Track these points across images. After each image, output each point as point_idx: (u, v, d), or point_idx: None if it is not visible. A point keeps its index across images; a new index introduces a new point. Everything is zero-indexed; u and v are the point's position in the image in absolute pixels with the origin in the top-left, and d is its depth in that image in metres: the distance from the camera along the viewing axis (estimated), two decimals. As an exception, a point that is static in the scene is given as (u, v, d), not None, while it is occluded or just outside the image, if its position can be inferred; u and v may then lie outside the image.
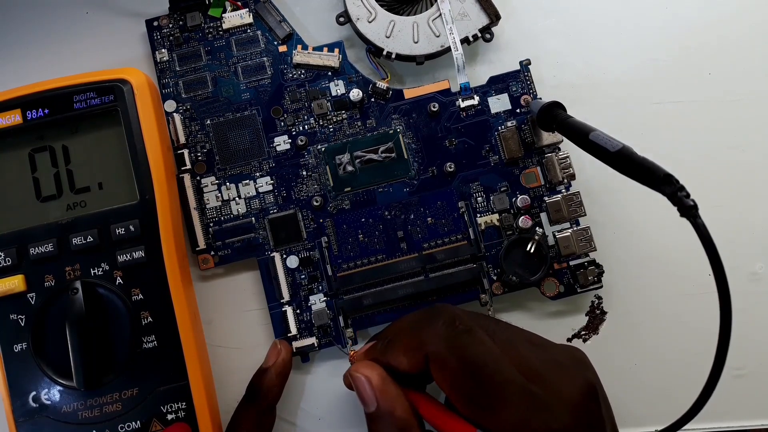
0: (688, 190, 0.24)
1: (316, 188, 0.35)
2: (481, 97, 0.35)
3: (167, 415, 0.30)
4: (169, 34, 0.36)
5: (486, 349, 0.25)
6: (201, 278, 0.35)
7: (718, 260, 0.23)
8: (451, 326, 0.26)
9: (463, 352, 0.25)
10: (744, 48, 0.37)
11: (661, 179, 0.24)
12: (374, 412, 0.26)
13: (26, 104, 0.31)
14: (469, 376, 0.24)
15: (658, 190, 0.25)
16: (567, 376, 0.26)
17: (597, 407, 0.25)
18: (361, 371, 0.26)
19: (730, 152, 0.36)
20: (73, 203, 0.31)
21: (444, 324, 0.26)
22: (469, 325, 0.26)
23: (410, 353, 0.26)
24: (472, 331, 0.26)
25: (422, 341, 0.26)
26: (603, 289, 0.34)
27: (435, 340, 0.26)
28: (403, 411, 0.26)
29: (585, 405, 0.25)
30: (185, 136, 0.35)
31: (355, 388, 0.27)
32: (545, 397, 0.24)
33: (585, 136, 0.28)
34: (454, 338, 0.25)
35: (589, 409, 0.25)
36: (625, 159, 0.26)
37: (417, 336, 0.26)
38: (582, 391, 0.25)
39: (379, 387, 0.26)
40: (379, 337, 0.30)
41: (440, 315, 0.27)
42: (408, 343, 0.27)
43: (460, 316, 0.27)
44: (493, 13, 0.35)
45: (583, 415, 0.24)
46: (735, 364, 0.34)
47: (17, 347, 0.30)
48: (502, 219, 0.34)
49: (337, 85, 0.35)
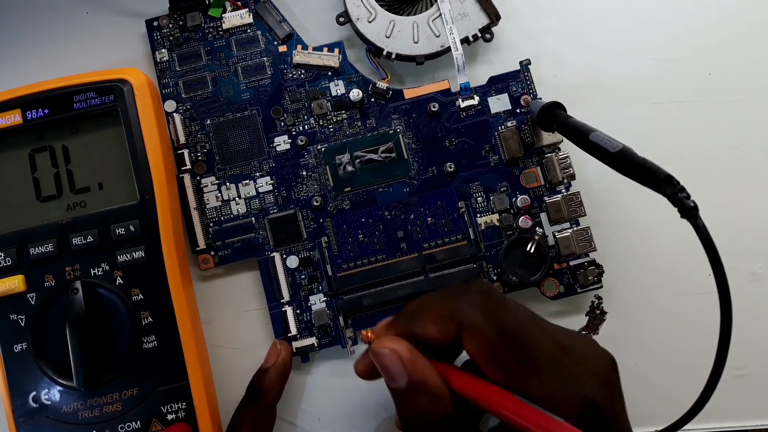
0: (688, 191, 0.24)
1: (316, 188, 0.35)
2: (481, 97, 0.35)
3: (167, 415, 0.30)
4: (169, 34, 0.36)
5: (520, 319, 0.25)
6: (201, 278, 0.35)
7: (718, 261, 0.23)
8: (486, 295, 0.25)
9: (499, 321, 0.25)
10: (744, 48, 0.37)
11: (662, 180, 0.24)
12: (405, 386, 0.25)
13: (26, 104, 0.31)
14: (504, 346, 0.24)
15: (658, 191, 0.25)
16: (591, 350, 0.26)
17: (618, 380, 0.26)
18: (388, 345, 0.25)
19: (730, 152, 0.36)
20: (73, 203, 0.31)
21: (479, 293, 0.26)
22: (502, 297, 0.26)
23: (441, 322, 0.25)
24: (506, 302, 0.26)
25: (455, 310, 0.25)
26: (603, 289, 0.34)
27: (469, 308, 0.25)
28: (435, 381, 0.25)
29: (610, 377, 0.25)
30: (185, 136, 0.35)
31: (381, 364, 0.25)
32: (575, 368, 0.24)
33: (585, 136, 0.28)
34: (491, 307, 0.25)
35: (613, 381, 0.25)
36: (625, 160, 0.26)
37: (449, 305, 0.26)
38: (607, 363, 0.25)
39: (408, 359, 0.25)
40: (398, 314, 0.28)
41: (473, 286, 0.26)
42: (439, 311, 0.26)
43: (494, 287, 0.27)
44: (493, 13, 0.35)
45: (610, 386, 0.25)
46: (735, 364, 0.34)
47: (17, 347, 0.30)
48: (502, 219, 0.34)
49: (337, 85, 0.35)
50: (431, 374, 0.25)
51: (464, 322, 0.25)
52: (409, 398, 0.25)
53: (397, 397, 0.26)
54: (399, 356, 0.25)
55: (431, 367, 0.25)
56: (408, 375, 0.25)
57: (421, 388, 0.25)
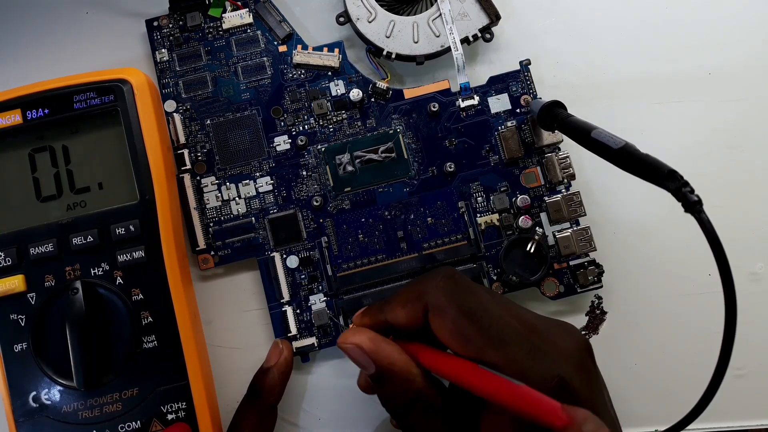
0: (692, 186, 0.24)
1: (316, 188, 0.35)
2: (481, 97, 0.35)
3: (167, 415, 0.30)
4: (169, 34, 0.36)
5: (485, 299, 0.25)
6: (201, 278, 0.35)
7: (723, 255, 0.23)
8: (450, 279, 0.26)
9: (462, 301, 0.25)
10: (744, 48, 0.37)
11: (665, 175, 0.24)
12: (375, 373, 0.26)
13: (26, 104, 0.31)
14: (469, 322, 0.24)
15: (662, 186, 0.25)
16: (562, 333, 0.26)
17: (593, 364, 0.26)
18: (350, 341, 0.26)
19: (730, 152, 0.36)
20: (73, 203, 0.31)
21: (443, 277, 0.26)
22: (467, 280, 0.26)
23: (409, 306, 0.26)
24: (471, 285, 0.26)
25: (421, 293, 0.26)
26: (603, 289, 0.34)
27: (434, 290, 0.26)
28: (404, 364, 0.26)
29: (582, 359, 0.25)
30: (185, 136, 0.35)
31: (350, 357, 0.27)
32: (544, 347, 0.24)
33: (587, 134, 0.28)
34: (453, 288, 0.25)
35: (587, 364, 0.25)
36: (628, 156, 0.26)
37: (416, 289, 0.26)
38: (579, 345, 0.25)
39: (371, 349, 0.26)
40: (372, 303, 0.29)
41: (438, 271, 0.27)
42: (406, 296, 0.27)
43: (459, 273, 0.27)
44: (493, 13, 0.35)
45: (581, 368, 0.24)
46: (735, 364, 0.34)
47: (17, 347, 0.30)
48: (502, 219, 0.34)
49: (337, 85, 0.35)
50: (399, 358, 0.26)
51: (429, 304, 0.25)
52: (381, 383, 0.26)
53: (372, 382, 0.27)
54: (361, 348, 0.26)
55: (399, 351, 0.26)
56: (375, 363, 0.26)
57: (389, 372, 0.26)
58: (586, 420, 0.19)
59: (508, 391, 0.22)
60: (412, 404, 0.26)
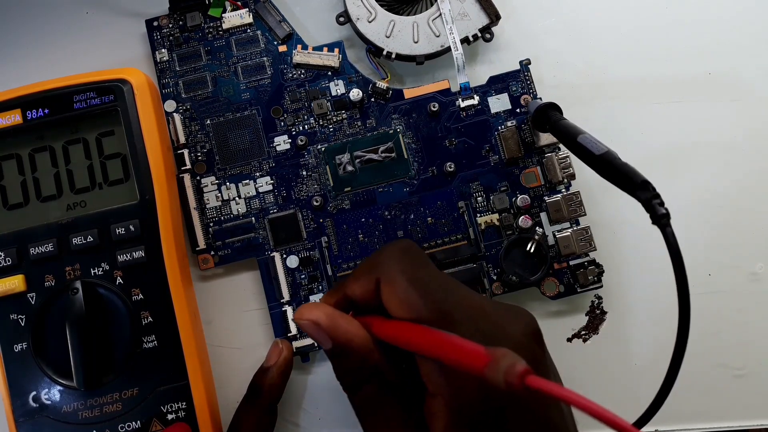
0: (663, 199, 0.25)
1: (316, 188, 0.35)
2: (481, 97, 0.35)
3: (167, 415, 0.30)
4: (169, 34, 0.36)
5: (437, 275, 0.25)
6: (201, 278, 0.35)
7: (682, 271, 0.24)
8: (404, 251, 0.26)
9: (414, 273, 0.25)
10: (744, 48, 0.37)
11: (638, 185, 0.25)
12: (332, 348, 0.26)
13: (26, 104, 0.31)
14: (417, 295, 0.24)
15: (633, 195, 0.25)
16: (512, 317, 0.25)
17: (542, 350, 0.25)
18: (306, 317, 0.26)
19: (730, 152, 0.36)
20: (73, 203, 0.31)
21: (398, 249, 0.26)
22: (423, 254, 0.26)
23: (363, 279, 0.26)
24: (425, 259, 0.26)
25: (374, 266, 0.26)
26: (603, 289, 0.34)
27: (387, 261, 0.25)
28: (360, 339, 0.25)
29: (529, 346, 0.25)
30: (185, 136, 0.35)
31: (308, 334, 0.26)
32: (490, 330, 0.24)
33: (573, 138, 0.29)
34: (406, 260, 0.25)
35: (533, 350, 0.25)
36: (606, 163, 0.27)
37: (370, 261, 0.26)
38: (526, 332, 0.25)
39: (327, 324, 0.26)
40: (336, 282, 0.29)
41: (393, 243, 0.27)
42: (362, 268, 0.27)
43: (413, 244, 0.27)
44: (493, 13, 0.35)
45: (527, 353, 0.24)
46: (735, 364, 0.34)
47: (17, 347, 0.30)
48: (502, 219, 0.34)
49: (337, 85, 0.35)
50: (354, 333, 0.26)
51: (381, 276, 0.25)
52: (338, 358, 0.26)
53: (328, 357, 0.27)
54: (317, 323, 0.26)
55: (357, 326, 0.26)
56: (331, 338, 0.25)
57: (346, 347, 0.25)
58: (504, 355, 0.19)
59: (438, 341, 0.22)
60: (366, 380, 0.26)
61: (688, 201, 0.36)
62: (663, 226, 0.24)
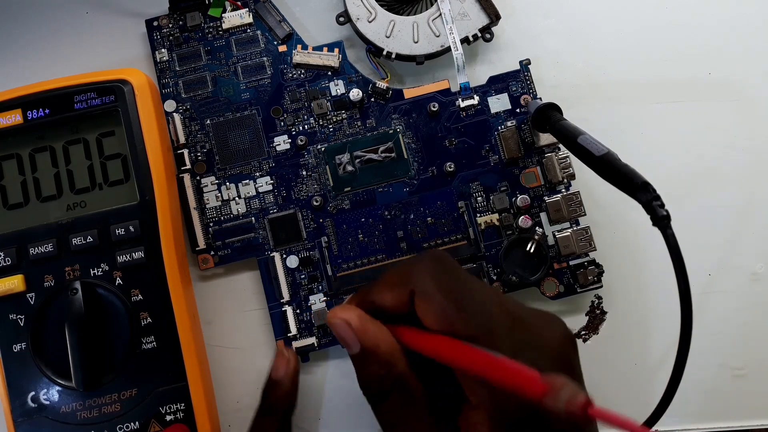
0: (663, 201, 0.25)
1: (316, 188, 0.34)
2: (481, 97, 0.35)
3: (166, 416, 0.30)
4: (169, 34, 0.36)
5: (472, 285, 0.25)
6: (201, 278, 0.35)
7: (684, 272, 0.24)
8: (438, 262, 0.26)
9: (449, 287, 0.25)
10: (744, 48, 0.37)
11: (638, 186, 0.25)
12: (359, 353, 0.25)
13: (27, 104, 0.31)
14: (454, 310, 0.24)
15: (634, 197, 0.25)
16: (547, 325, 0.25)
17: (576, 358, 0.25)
18: (339, 315, 0.26)
19: (730, 152, 0.36)
20: (73, 203, 0.31)
21: (431, 260, 0.26)
22: (456, 264, 0.26)
23: (396, 289, 0.26)
24: (459, 270, 0.26)
25: (408, 276, 0.26)
26: (603, 289, 0.34)
27: (421, 274, 0.25)
28: (388, 346, 0.25)
29: (566, 353, 0.25)
30: (185, 136, 0.35)
31: (336, 333, 0.26)
32: (527, 339, 0.24)
33: (573, 139, 0.28)
34: (441, 273, 0.25)
35: (569, 358, 0.25)
36: (606, 164, 0.26)
37: (402, 272, 0.26)
38: (562, 340, 0.25)
39: (358, 327, 0.25)
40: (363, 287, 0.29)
41: (427, 254, 0.27)
42: (393, 279, 0.26)
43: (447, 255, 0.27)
44: (493, 13, 0.35)
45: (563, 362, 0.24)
46: (735, 364, 0.34)
47: (16, 347, 0.30)
48: (502, 219, 0.34)
49: (337, 85, 0.35)
50: (383, 339, 0.25)
51: (415, 288, 0.25)
52: (363, 363, 0.26)
53: (353, 361, 0.26)
54: (349, 325, 0.25)
55: (386, 333, 0.26)
56: (360, 342, 0.25)
57: (373, 353, 0.25)
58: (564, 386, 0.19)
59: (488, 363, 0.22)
60: (391, 389, 0.25)
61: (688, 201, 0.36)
62: (663, 228, 0.24)
